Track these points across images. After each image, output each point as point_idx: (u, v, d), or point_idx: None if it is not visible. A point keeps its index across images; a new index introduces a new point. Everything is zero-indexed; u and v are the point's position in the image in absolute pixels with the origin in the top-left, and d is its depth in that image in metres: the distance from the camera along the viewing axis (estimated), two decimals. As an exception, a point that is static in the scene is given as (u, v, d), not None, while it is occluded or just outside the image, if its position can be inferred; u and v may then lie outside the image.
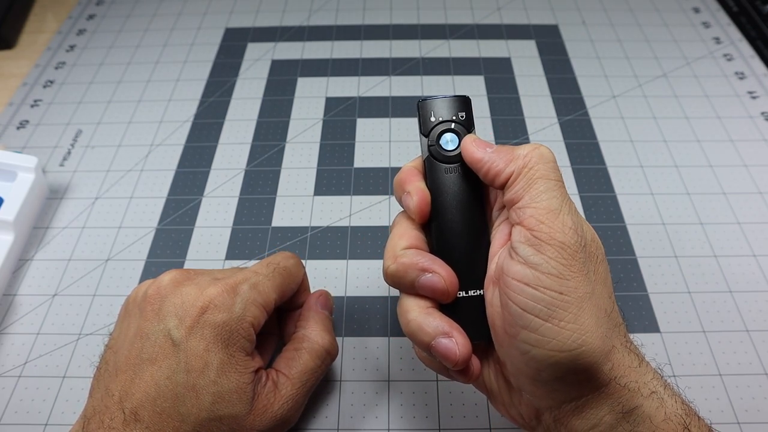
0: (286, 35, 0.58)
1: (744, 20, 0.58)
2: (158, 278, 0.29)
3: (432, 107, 0.29)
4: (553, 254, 0.23)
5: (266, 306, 0.29)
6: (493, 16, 0.60)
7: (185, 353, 0.26)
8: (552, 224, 0.24)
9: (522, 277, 0.24)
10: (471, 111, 0.29)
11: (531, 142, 0.27)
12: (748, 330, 0.37)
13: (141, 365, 0.26)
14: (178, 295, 0.28)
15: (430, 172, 0.28)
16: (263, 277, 0.30)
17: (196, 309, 0.27)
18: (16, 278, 0.40)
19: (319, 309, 0.33)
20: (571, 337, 0.23)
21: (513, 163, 0.25)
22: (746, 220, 0.42)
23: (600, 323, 0.23)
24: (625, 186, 0.45)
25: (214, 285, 0.28)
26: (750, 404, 0.33)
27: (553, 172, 0.25)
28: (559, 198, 0.25)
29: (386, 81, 0.53)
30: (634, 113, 0.50)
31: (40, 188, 0.44)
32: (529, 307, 0.23)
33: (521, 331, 0.24)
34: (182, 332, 0.26)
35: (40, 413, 0.34)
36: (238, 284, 0.28)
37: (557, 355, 0.23)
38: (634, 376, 0.24)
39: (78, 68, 0.55)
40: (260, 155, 0.47)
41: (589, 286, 0.24)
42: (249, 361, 0.28)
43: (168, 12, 0.62)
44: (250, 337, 0.28)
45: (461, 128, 0.28)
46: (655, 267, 0.40)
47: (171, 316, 0.27)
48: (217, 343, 0.27)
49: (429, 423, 0.33)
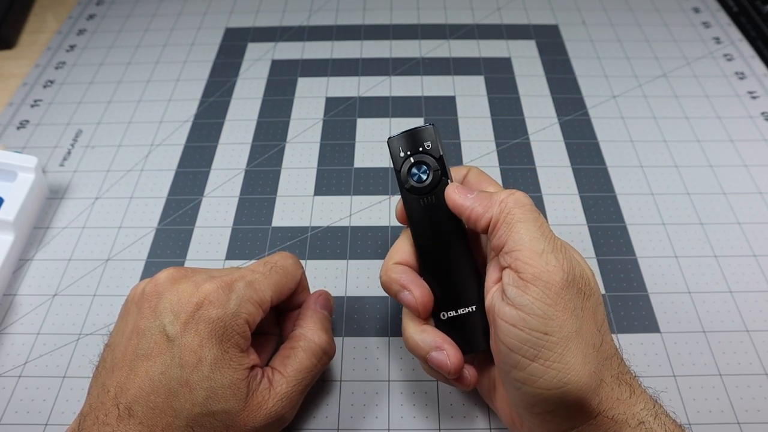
0: (286, 35, 0.58)
1: (744, 20, 0.58)
2: (156, 276, 0.29)
3: (399, 143, 0.30)
4: (538, 294, 0.25)
5: (262, 303, 0.29)
6: (493, 16, 0.60)
7: (179, 348, 0.26)
8: (536, 264, 0.25)
9: (510, 318, 0.25)
10: (436, 138, 0.30)
11: (505, 189, 0.29)
12: (748, 330, 0.37)
13: (136, 361, 0.26)
14: (174, 291, 0.28)
15: (408, 204, 0.30)
16: (260, 275, 0.30)
17: (191, 305, 0.27)
18: (16, 278, 0.40)
19: (318, 308, 0.33)
20: (557, 376, 0.24)
21: (491, 209, 0.27)
22: (746, 220, 0.42)
23: (587, 360, 0.25)
24: (625, 186, 0.45)
25: (209, 282, 0.28)
26: (750, 404, 0.33)
27: (530, 214, 0.27)
28: (541, 239, 0.26)
29: (386, 81, 0.53)
30: (634, 113, 0.50)
31: (40, 188, 0.44)
32: (516, 347, 0.25)
33: (512, 370, 0.25)
34: (177, 328, 0.27)
35: (40, 413, 0.34)
36: (234, 281, 0.28)
37: (545, 392, 0.24)
38: (623, 408, 0.25)
39: (78, 68, 0.55)
40: (260, 155, 0.47)
41: (576, 323, 0.25)
42: (243, 357, 0.28)
43: (168, 12, 0.62)
44: (245, 334, 0.28)
45: (429, 158, 0.30)
46: (655, 267, 0.40)
47: (167, 312, 0.27)
48: (212, 338, 0.27)
49: (429, 423, 0.33)
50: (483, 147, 0.47)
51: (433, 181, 0.30)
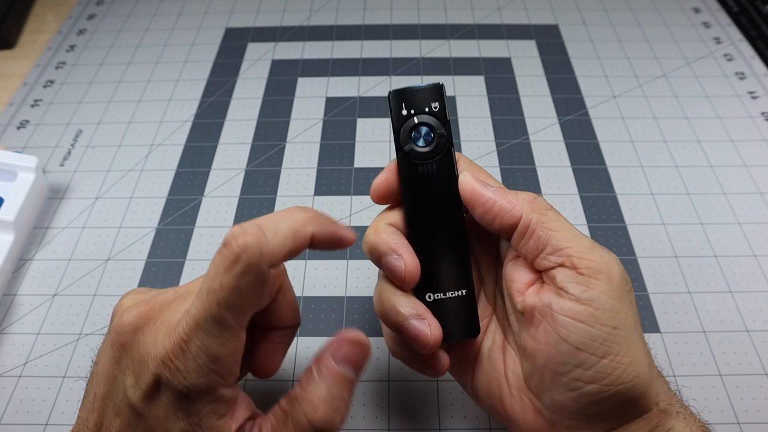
0: (287, 35, 0.58)
1: (744, 20, 0.58)
2: (118, 312, 0.25)
3: (402, 99, 0.27)
4: (604, 288, 0.23)
5: (231, 355, 0.22)
6: (494, 16, 0.60)
7: (145, 419, 0.23)
8: (593, 258, 0.24)
9: (576, 314, 0.23)
10: (444, 100, 0.27)
11: (527, 191, 0.27)
12: (748, 330, 0.37)
13: (107, 414, 0.24)
14: (136, 347, 0.23)
15: (403, 170, 0.27)
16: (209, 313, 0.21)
17: (150, 374, 0.22)
18: (17, 278, 0.40)
19: (333, 365, 0.24)
20: (626, 370, 0.23)
21: (518, 207, 0.25)
22: (746, 220, 0.42)
23: (646, 352, 0.24)
24: (625, 186, 0.45)
25: (168, 336, 0.22)
26: (750, 404, 0.33)
27: (559, 214, 0.26)
28: (581, 235, 0.25)
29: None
30: (635, 113, 0.50)
31: (41, 188, 0.44)
32: (585, 345, 0.23)
33: (574, 370, 0.23)
34: (138, 395, 0.23)
35: (40, 413, 0.34)
36: (190, 333, 0.22)
37: (612, 389, 0.23)
38: (666, 398, 0.24)
39: (78, 68, 0.55)
40: (260, 155, 0.47)
41: (636, 315, 0.24)
42: (224, 424, 0.23)
43: (168, 12, 0.62)
44: (221, 399, 0.22)
45: (435, 121, 0.27)
46: (655, 267, 0.40)
47: (128, 372, 0.23)
48: (177, 411, 0.22)
49: (429, 423, 0.33)
50: (483, 147, 0.47)
51: (437, 148, 0.27)
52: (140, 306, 0.24)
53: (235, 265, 0.21)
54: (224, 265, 0.21)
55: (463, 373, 0.29)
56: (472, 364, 0.28)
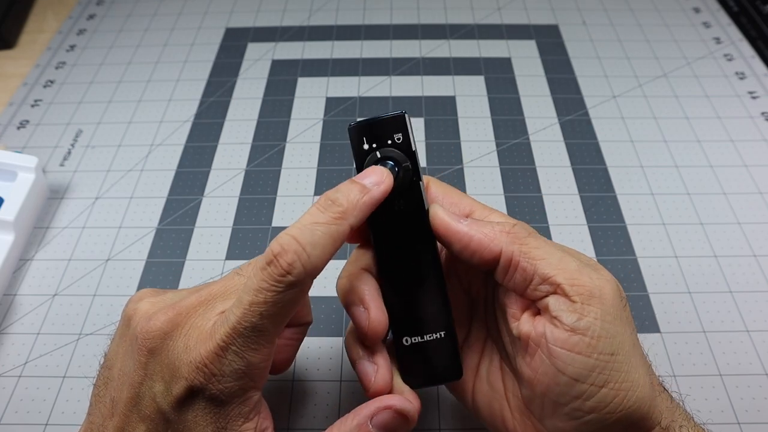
0: (287, 35, 0.58)
1: (744, 20, 0.58)
2: (138, 315, 0.25)
3: (363, 133, 0.25)
4: (598, 313, 0.23)
5: (264, 359, 0.24)
6: (494, 16, 0.60)
7: (172, 425, 0.23)
8: (583, 282, 0.23)
9: (572, 346, 0.23)
10: (408, 130, 0.25)
11: (496, 219, 0.26)
12: (748, 330, 0.37)
13: (132, 420, 0.24)
14: (165, 352, 0.23)
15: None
16: (251, 317, 0.22)
17: (183, 380, 0.23)
18: (17, 278, 0.40)
19: (369, 429, 0.24)
20: (626, 396, 0.22)
21: (496, 240, 0.24)
22: (746, 220, 0.42)
23: (646, 371, 0.23)
24: (625, 186, 0.45)
25: (202, 342, 0.23)
26: (750, 404, 0.33)
27: (540, 236, 0.25)
28: (567, 256, 0.24)
29: (386, 81, 0.53)
30: (635, 113, 0.50)
31: (41, 188, 0.44)
32: (583, 376, 0.22)
33: (573, 401, 0.23)
34: (169, 401, 0.23)
35: (40, 413, 0.34)
36: (227, 340, 0.22)
37: (613, 416, 0.23)
38: (669, 414, 0.24)
39: (78, 68, 0.55)
40: (260, 155, 0.47)
41: (634, 332, 0.24)
42: (249, 428, 0.24)
43: (168, 12, 0.62)
44: (249, 402, 0.24)
45: (399, 153, 0.25)
46: (655, 267, 0.40)
47: (157, 377, 0.23)
48: (206, 415, 0.23)
49: (429, 423, 0.33)
50: (483, 147, 0.47)
51: (403, 182, 0.25)
52: (166, 311, 0.24)
53: (281, 283, 0.22)
54: (269, 282, 0.22)
55: (462, 394, 0.29)
56: (470, 386, 0.28)
